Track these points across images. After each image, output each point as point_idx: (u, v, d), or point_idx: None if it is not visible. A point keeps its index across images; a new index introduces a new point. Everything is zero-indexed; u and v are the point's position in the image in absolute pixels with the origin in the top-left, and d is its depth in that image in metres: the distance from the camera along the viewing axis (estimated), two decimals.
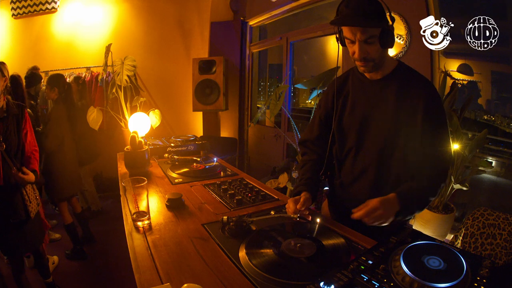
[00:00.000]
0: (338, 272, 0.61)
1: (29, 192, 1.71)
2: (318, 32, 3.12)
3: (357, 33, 0.95)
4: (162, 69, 4.05)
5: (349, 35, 0.98)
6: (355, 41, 0.97)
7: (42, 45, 3.91)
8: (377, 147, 1.05)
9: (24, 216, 1.66)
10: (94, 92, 3.72)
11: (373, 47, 0.96)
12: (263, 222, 1.03)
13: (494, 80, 2.15)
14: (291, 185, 2.77)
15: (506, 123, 2.11)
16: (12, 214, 1.62)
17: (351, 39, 0.98)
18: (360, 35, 0.94)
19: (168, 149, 1.98)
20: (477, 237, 1.50)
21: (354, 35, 0.96)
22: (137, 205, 1.03)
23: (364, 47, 0.96)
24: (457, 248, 0.64)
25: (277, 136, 3.54)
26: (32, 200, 1.72)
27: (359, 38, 0.95)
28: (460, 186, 1.90)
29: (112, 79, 3.18)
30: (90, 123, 2.85)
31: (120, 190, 1.35)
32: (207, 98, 3.50)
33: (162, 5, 3.98)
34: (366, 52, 0.97)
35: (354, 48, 0.98)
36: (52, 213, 3.35)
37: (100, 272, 2.39)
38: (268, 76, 4.56)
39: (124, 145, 1.66)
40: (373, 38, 0.95)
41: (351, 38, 0.97)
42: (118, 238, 2.55)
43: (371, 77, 1.08)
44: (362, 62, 1.00)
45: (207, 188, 1.40)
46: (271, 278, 0.73)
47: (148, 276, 0.76)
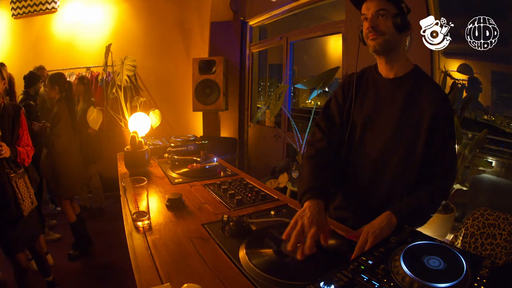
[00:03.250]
0: (338, 272, 0.61)
1: (22, 190, 1.73)
2: (318, 32, 3.13)
3: (371, 7, 0.97)
4: (162, 69, 4.05)
5: (365, 10, 0.99)
6: (368, 15, 0.98)
7: (42, 45, 3.91)
8: (379, 146, 1.04)
9: (15, 214, 1.69)
10: (94, 92, 3.72)
11: (384, 20, 0.97)
12: (263, 222, 1.03)
13: (494, 80, 2.15)
14: (291, 185, 2.77)
15: (506, 123, 2.11)
16: (3, 212, 1.65)
17: (365, 14, 0.99)
18: (373, 7, 0.97)
19: (168, 149, 1.98)
20: (477, 237, 1.50)
21: (368, 10, 0.98)
22: (137, 205, 1.03)
23: (375, 19, 0.97)
24: (457, 248, 0.64)
25: (277, 136, 3.54)
26: (25, 198, 1.73)
27: (372, 10, 0.97)
28: (460, 186, 1.90)
29: (112, 79, 3.18)
30: (90, 123, 2.86)
31: (120, 190, 1.35)
32: (207, 98, 3.50)
33: (162, 5, 3.98)
34: (375, 23, 0.98)
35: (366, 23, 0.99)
36: (52, 213, 3.35)
37: (100, 272, 2.39)
38: (268, 76, 4.56)
39: (124, 145, 1.66)
40: (384, 11, 0.96)
41: (366, 12, 0.99)
42: (118, 238, 2.55)
43: (385, 75, 1.07)
44: (372, 33, 0.98)
45: (207, 188, 1.40)
46: (271, 278, 0.73)
47: (148, 276, 0.76)
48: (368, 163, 1.07)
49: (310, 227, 0.83)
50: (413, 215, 0.90)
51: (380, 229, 0.83)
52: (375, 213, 0.90)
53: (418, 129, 0.98)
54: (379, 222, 0.86)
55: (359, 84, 1.13)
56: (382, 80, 1.08)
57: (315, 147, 1.11)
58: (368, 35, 0.99)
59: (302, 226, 0.84)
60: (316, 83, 2.68)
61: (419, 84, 1.02)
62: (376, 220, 0.87)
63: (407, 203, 0.92)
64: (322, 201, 0.93)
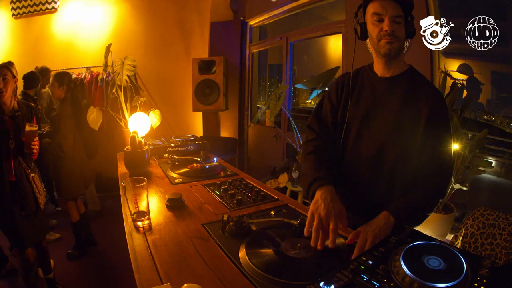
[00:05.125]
0: (338, 272, 0.61)
1: (38, 184, 1.84)
2: (318, 32, 3.13)
3: (389, 9, 0.96)
4: (162, 69, 4.05)
5: (380, 10, 0.98)
6: (384, 17, 0.97)
7: (42, 45, 3.91)
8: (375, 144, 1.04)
9: (35, 208, 1.80)
10: (94, 92, 3.72)
11: (400, 27, 0.98)
12: (263, 222, 1.03)
13: (494, 80, 2.15)
14: (291, 185, 2.77)
15: (506, 123, 2.11)
16: (25, 206, 1.74)
17: (381, 14, 0.97)
18: (392, 11, 0.96)
19: (168, 149, 1.98)
20: (477, 237, 1.50)
21: (385, 10, 0.97)
22: (137, 205, 1.03)
23: (393, 24, 0.97)
24: (457, 248, 0.64)
25: (277, 136, 3.54)
26: (41, 192, 1.86)
27: (390, 13, 0.96)
28: (460, 186, 1.90)
29: (112, 79, 3.18)
30: (90, 123, 2.85)
31: (120, 190, 1.35)
32: (207, 98, 3.50)
33: (162, 5, 3.98)
34: (394, 28, 0.97)
35: (382, 25, 0.98)
36: (53, 213, 3.35)
37: (100, 272, 2.39)
38: (268, 76, 4.56)
39: (124, 145, 1.66)
40: (400, 18, 0.97)
41: (382, 12, 0.97)
42: (118, 238, 2.55)
43: (381, 74, 1.07)
44: (390, 37, 0.98)
45: (207, 188, 1.40)
46: (271, 278, 0.73)
47: (148, 276, 0.76)
48: (365, 162, 1.07)
49: (328, 219, 0.84)
50: (411, 215, 0.90)
51: (379, 228, 0.83)
52: (373, 212, 0.90)
53: (414, 128, 0.98)
54: (378, 221, 0.86)
55: (354, 83, 1.13)
56: (378, 79, 1.08)
57: (313, 144, 1.12)
58: (386, 37, 0.98)
59: (319, 219, 0.85)
60: (316, 83, 2.68)
61: (416, 83, 1.02)
62: (374, 220, 0.87)
63: (404, 202, 0.92)
64: (332, 186, 0.93)
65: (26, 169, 1.78)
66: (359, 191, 1.10)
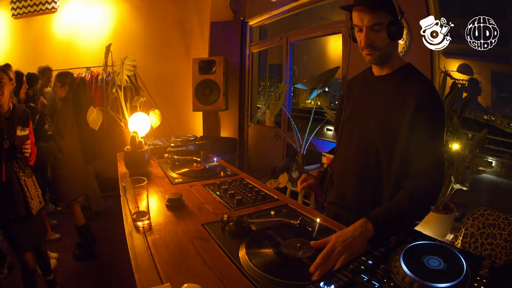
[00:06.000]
0: (338, 272, 0.61)
1: (31, 189, 1.79)
2: (318, 32, 3.13)
3: (365, 19, 0.95)
4: (162, 69, 4.05)
5: (357, 21, 0.98)
6: (362, 27, 0.97)
7: (42, 45, 3.91)
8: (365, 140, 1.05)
9: (24, 212, 1.75)
10: (94, 92, 3.72)
11: (379, 35, 0.96)
12: (263, 222, 1.03)
13: (494, 80, 2.15)
14: (291, 185, 2.77)
15: (506, 123, 2.11)
16: (12, 210, 1.71)
17: (359, 25, 0.98)
18: (368, 21, 0.95)
19: (168, 149, 1.98)
20: (477, 237, 1.50)
21: (361, 21, 0.96)
22: (137, 205, 1.03)
23: (371, 34, 0.96)
24: (457, 248, 0.64)
25: (277, 136, 3.54)
26: (34, 197, 1.80)
27: (366, 23, 0.95)
28: (460, 186, 1.90)
29: (112, 79, 3.18)
30: (90, 123, 2.85)
31: (120, 190, 1.35)
32: (207, 98, 3.50)
33: (162, 5, 3.98)
34: (371, 39, 0.97)
35: (361, 36, 0.98)
36: (53, 213, 3.35)
37: (100, 272, 2.39)
38: (268, 76, 4.56)
39: (124, 145, 1.66)
40: (380, 26, 0.95)
41: (359, 24, 0.97)
42: (118, 238, 2.55)
43: (377, 73, 1.08)
44: (368, 50, 0.99)
45: (207, 188, 1.40)
46: (271, 278, 0.73)
47: (148, 276, 0.76)
48: (355, 158, 1.08)
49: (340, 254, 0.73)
50: (392, 222, 0.84)
51: (352, 238, 0.76)
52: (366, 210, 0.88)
53: (401, 123, 0.95)
54: (353, 230, 0.79)
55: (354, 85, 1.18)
56: (374, 78, 1.10)
57: None
58: (364, 50, 1.00)
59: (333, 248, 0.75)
60: (316, 83, 2.67)
61: (408, 78, 1.00)
62: (350, 227, 0.80)
63: (387, 209, 0.88)
64: None
65: (19, 172, 1.75)
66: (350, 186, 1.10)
